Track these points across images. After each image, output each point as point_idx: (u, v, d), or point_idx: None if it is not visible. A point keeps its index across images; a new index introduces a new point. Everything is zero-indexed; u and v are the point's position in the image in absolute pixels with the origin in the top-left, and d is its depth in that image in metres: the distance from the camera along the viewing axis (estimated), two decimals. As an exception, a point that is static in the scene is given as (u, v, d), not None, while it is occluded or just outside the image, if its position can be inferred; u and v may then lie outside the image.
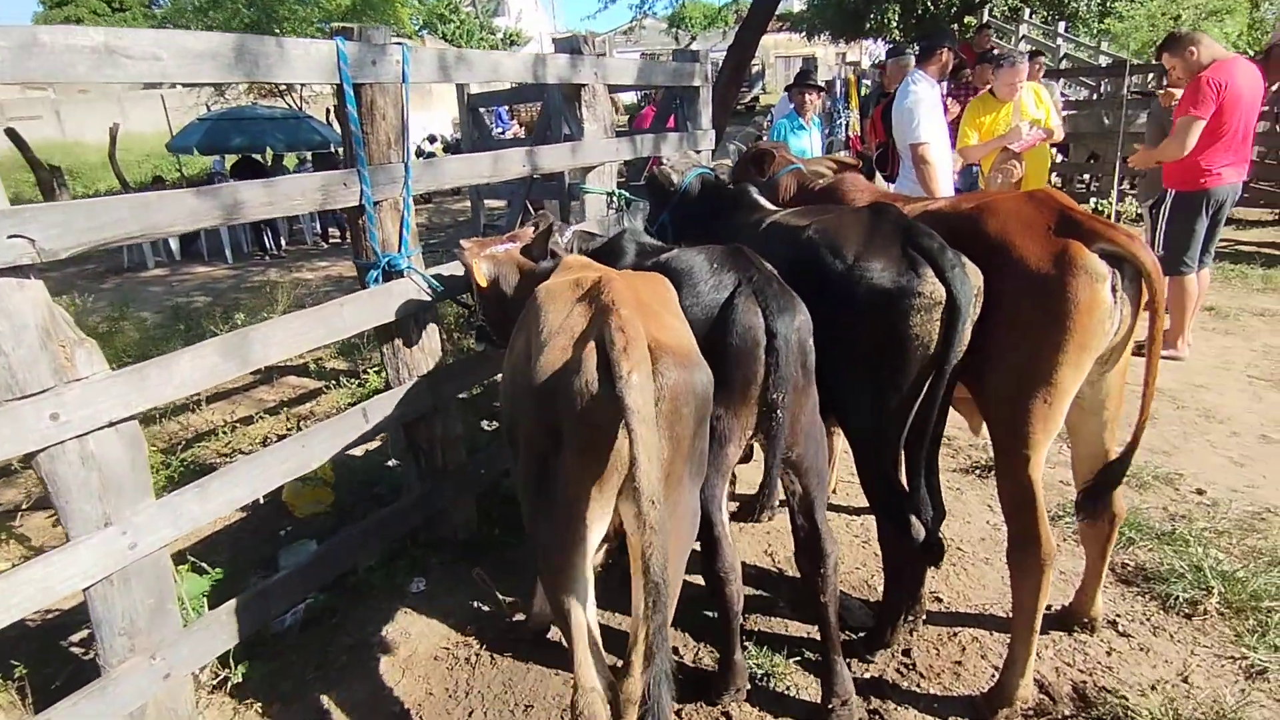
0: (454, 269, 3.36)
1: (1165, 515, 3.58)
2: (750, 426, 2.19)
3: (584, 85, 4.17)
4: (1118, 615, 2.94)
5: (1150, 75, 12.22)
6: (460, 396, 4.00)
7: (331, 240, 13.76)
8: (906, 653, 2.82)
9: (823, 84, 6.71)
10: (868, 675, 2.74)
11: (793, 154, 3.82)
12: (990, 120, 5.89)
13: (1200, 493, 3.79)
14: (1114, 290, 2.15)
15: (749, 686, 2.63)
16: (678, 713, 2.60)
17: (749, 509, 3.69)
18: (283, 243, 12.77)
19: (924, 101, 5.41)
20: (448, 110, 23.40)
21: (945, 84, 10.45)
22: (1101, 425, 2.45)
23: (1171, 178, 5.23)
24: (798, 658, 2.81)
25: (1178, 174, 5.15)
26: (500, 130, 15.42)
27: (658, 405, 1.69)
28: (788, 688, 2.69)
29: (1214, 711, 2.48)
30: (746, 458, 3.90)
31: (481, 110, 7.61)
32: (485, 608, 3.23)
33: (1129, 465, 2.39)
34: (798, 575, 2.46)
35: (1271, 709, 2.49)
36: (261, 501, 4.10)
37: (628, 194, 4.51)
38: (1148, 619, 2.94)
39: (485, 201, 8.11)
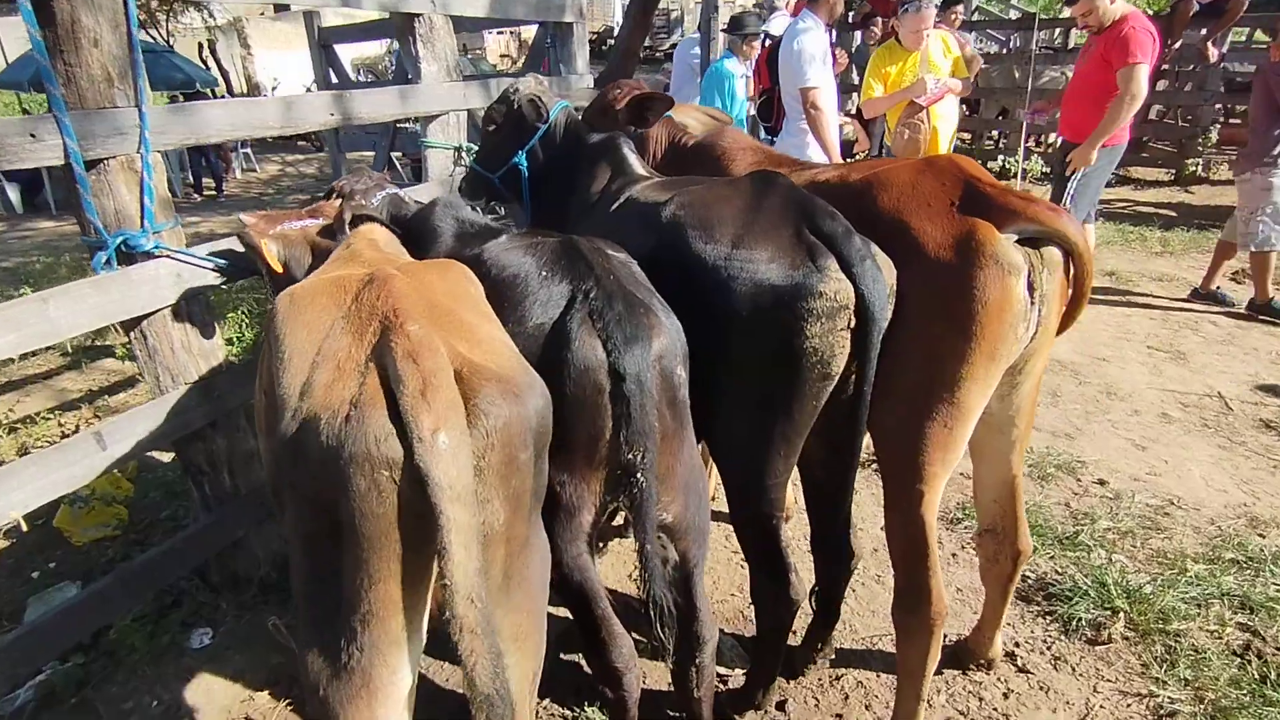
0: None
1: (1067, 513, 3.28)
2: (601, 491, 1.64)
3: (416, 15, 3.43)
4: (1016, 643, 2.59)
5: (1058, 30, 12.09)
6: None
7: (207, 192, 12.43)
8: (781, 705, 2.38)
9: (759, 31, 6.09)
10: (736, 739, 2.30)
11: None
12: (896, 71, 5.43)
13: (1102, 483, 3.52)
14: (1030, 286, 1.68)
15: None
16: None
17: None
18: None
19: (813, 44, 4.94)
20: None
21: (857, 34, 10.03)
22: (1009, 446, 2.01)
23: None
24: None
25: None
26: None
27: (481, 464, 1.21)
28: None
29: None
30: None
31: (339, 48, 6.62)
32: (284, 667, 2.62)
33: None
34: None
35: (1181, 758, 2.19)
36: (24, 529, 3.33)
37: (474, 146, 3.81)
38: (1048, 647, 2.60)
39: (347, 154, 7.16)
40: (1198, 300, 5.67)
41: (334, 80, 6.43)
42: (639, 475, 1.54)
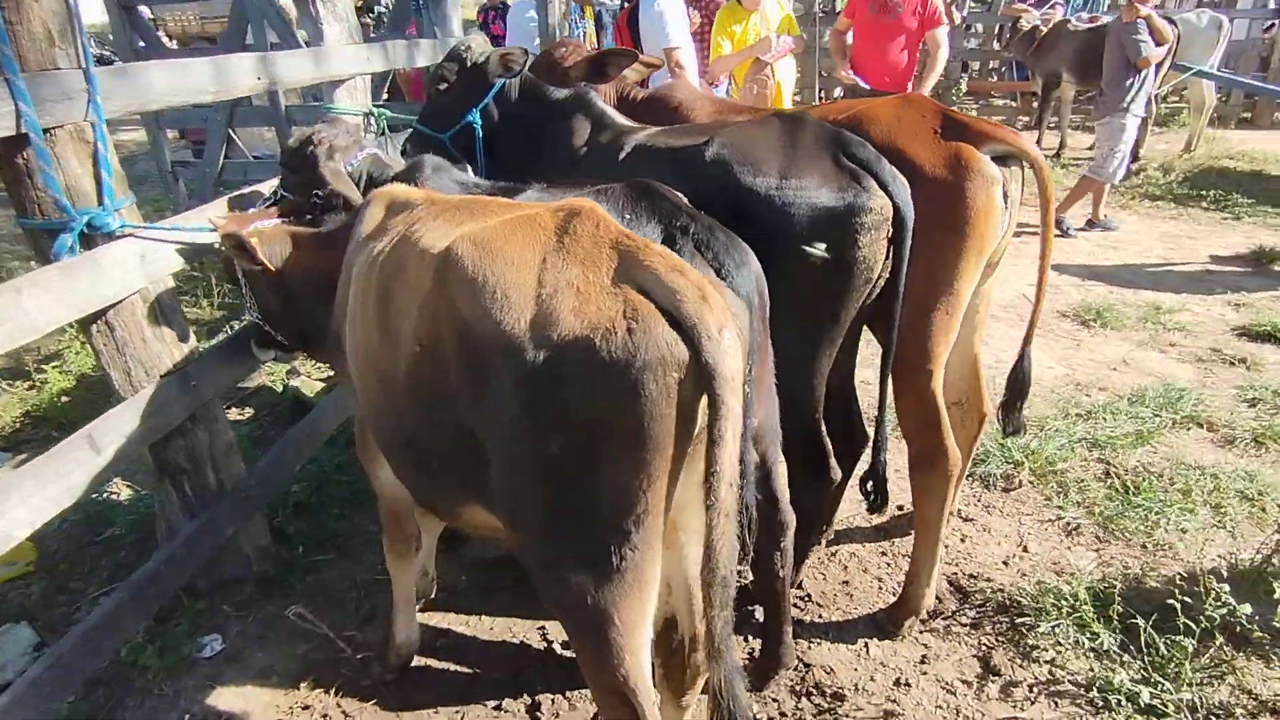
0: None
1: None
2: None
3: (316, -29, 3.25)
4: (957, 504, 3.18)
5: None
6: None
7: None
8: (799, 584, 2.76)
9: None
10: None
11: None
12: (741, 30, 5.88)
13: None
14: (1005, 194, 2.12)
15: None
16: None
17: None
18: None
19: (672, 5, 5.24)
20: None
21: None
22: (973, 329, 2.50)
23: None
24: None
25: None
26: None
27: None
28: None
29: (1056, 571, 2.78)
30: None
31: (144, 8, 5.74)
32: (317, 653, 2.54)
33: (1031, 366, 2.50)
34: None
35: (1089, 557, 2.86)
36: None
37: (389, 112, 3.69)
38: (979, 500, 3.21)
39: (167, 131, 6.32)
40: (1091, 229, 6.76)
41: (140, 48, 5.63)
42: (744, 386, 1.77)
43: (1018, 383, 2.51)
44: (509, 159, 2.81)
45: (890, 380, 2.25)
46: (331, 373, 4.33)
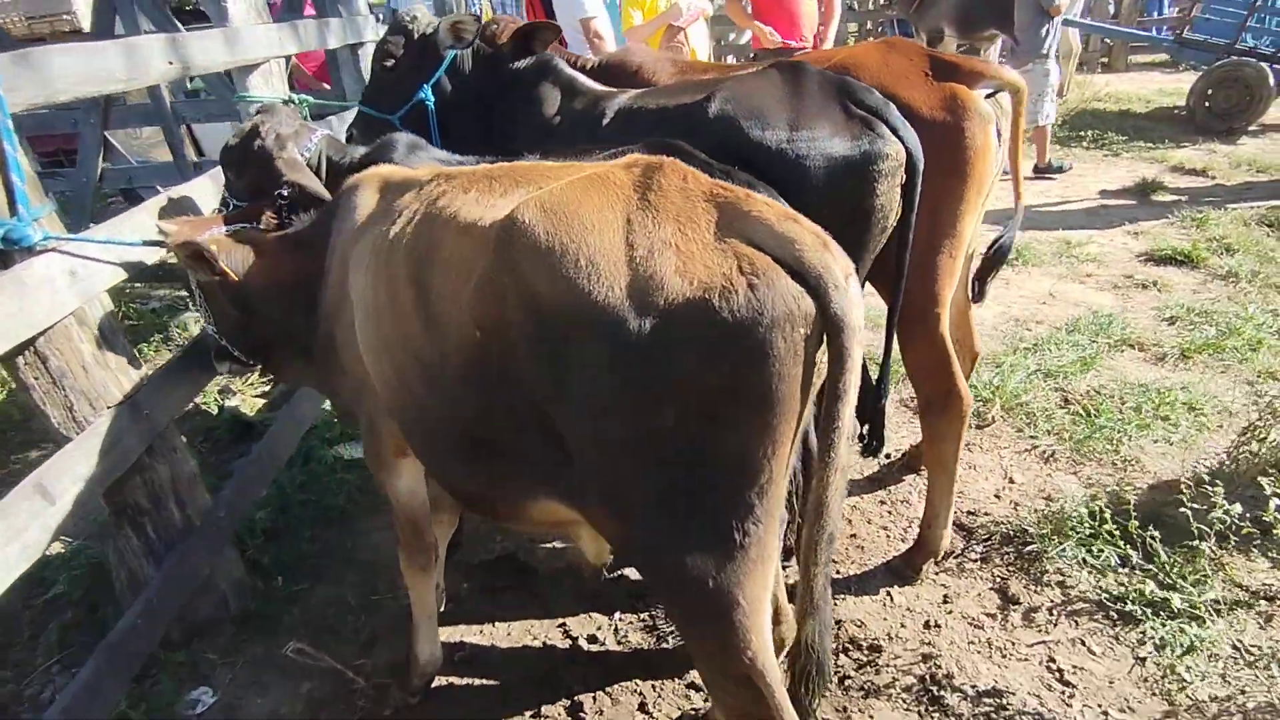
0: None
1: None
2: None
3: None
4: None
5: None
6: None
7: None
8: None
9: None
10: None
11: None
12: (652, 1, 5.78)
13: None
14: (998, 131, 2.14)
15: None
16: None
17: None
18: None
19: None
20: None
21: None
22: (965, 269, 2.53)
23: None
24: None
25: None
26: None
27: None
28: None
29: (1045, 498, 2.91)
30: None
31: None
32: (323, 688, 2.33)
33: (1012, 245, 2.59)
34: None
35: (1071, 480, 3.00)
36: None
37: (312, 99, 3.39)
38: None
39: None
40: (1039, 175, 6.96)
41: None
42: None
43: (998, 255, 2.56)
44: (466, 134, 2.63)
45: (897, 327, 2.25)
46: (271, 386, 4.00)
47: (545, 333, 1.28)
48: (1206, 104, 7.93)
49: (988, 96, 2.14)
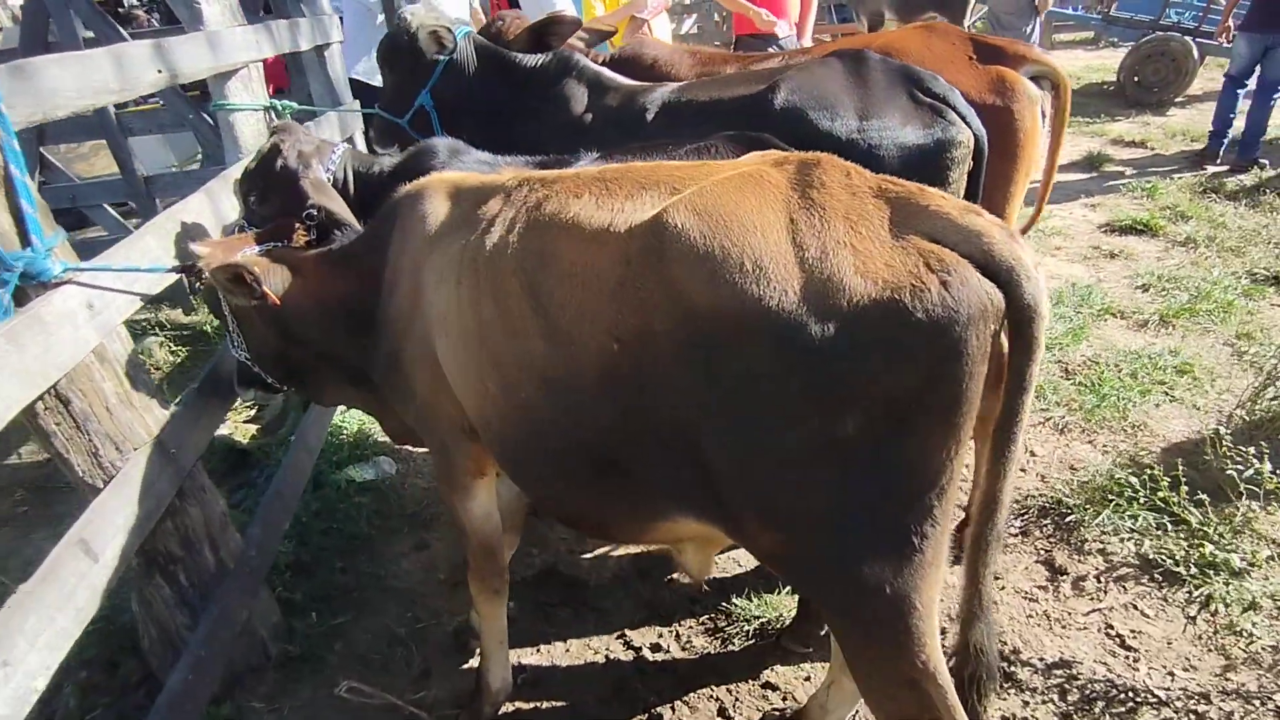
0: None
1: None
2: None
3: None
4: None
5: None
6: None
7: None
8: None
9: None
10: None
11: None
12: (612, -11, 5.69)
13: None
14: (1042, 112, 2.16)
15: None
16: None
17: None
18: None
19: None
20: None
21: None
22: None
23: None
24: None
25: None
26: None
27: None
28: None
29: (1070, 468, 2.99)
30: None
31: None
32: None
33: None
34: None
35: (1088, 449, 3.09)
36: None
37: (295, 105, 3.19)
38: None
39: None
40: None
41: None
42: None
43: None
44: (478, 135, 2.52)
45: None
46: (256, 411, 3.78)
47: (700, 341, 1.22)
48: (1136, 79, 8.31)
49: (1032, 79, 2.16)
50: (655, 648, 2.39)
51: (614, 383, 1.34)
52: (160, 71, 2.31)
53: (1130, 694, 2.12)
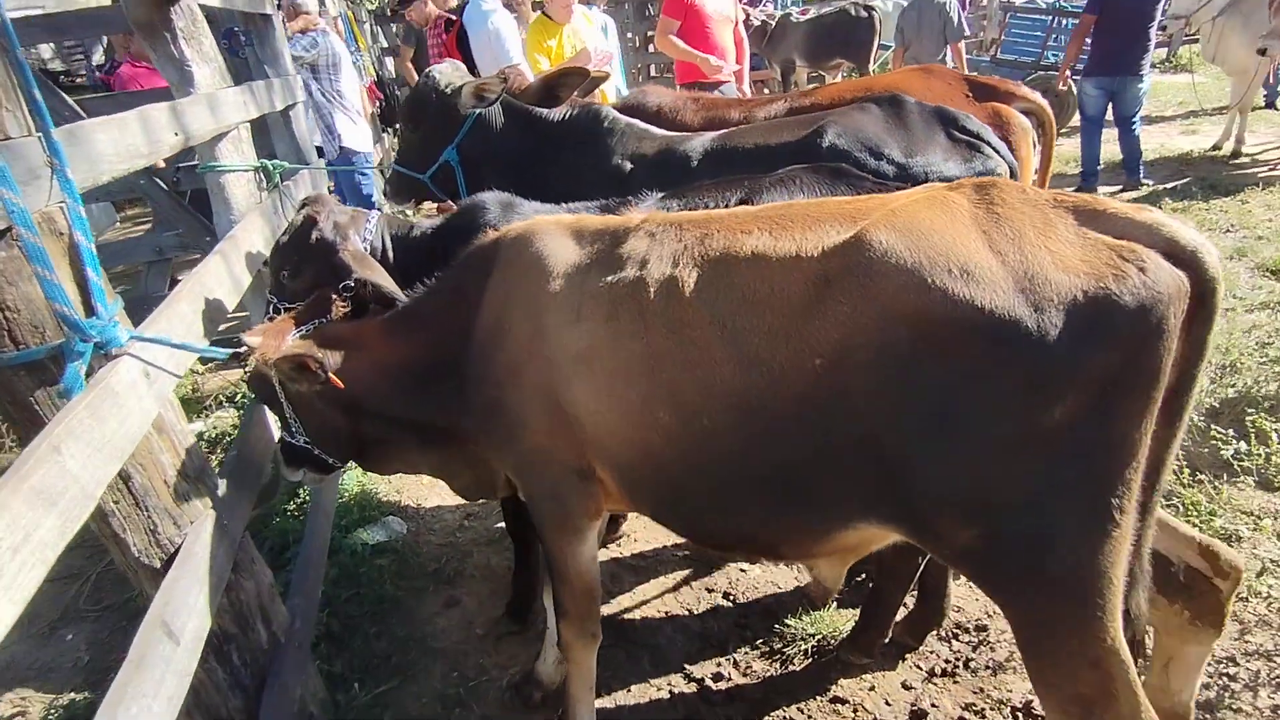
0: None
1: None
2: None
3: (170, 3, 2.66)
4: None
5: None
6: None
7: None
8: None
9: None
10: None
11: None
12: (557, 45, 5.85)
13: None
14: (1034, 143, 2.40)
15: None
16: None
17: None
18: None
19: (505, 23, 5.15)
20: None
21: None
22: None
23: None
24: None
25: None
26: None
27: None
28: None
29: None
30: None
31: None
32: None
33: None
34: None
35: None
36: None
37: (285, 164, 3.14)
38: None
39: None
40: None
41: None
42: None
43: None
44: (505, 190, 2.57)
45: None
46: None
47: (905, 348, 1.30)
48: (1025, 113, 9.13)
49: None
50: (717, 677, 2.41)
51: (808, 398, 1.40)
52: (177, 134, 2.26)
53: (1166, 666, 2.29)
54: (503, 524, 2.96)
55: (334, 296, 2.02)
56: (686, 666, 2.46)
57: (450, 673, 2.51)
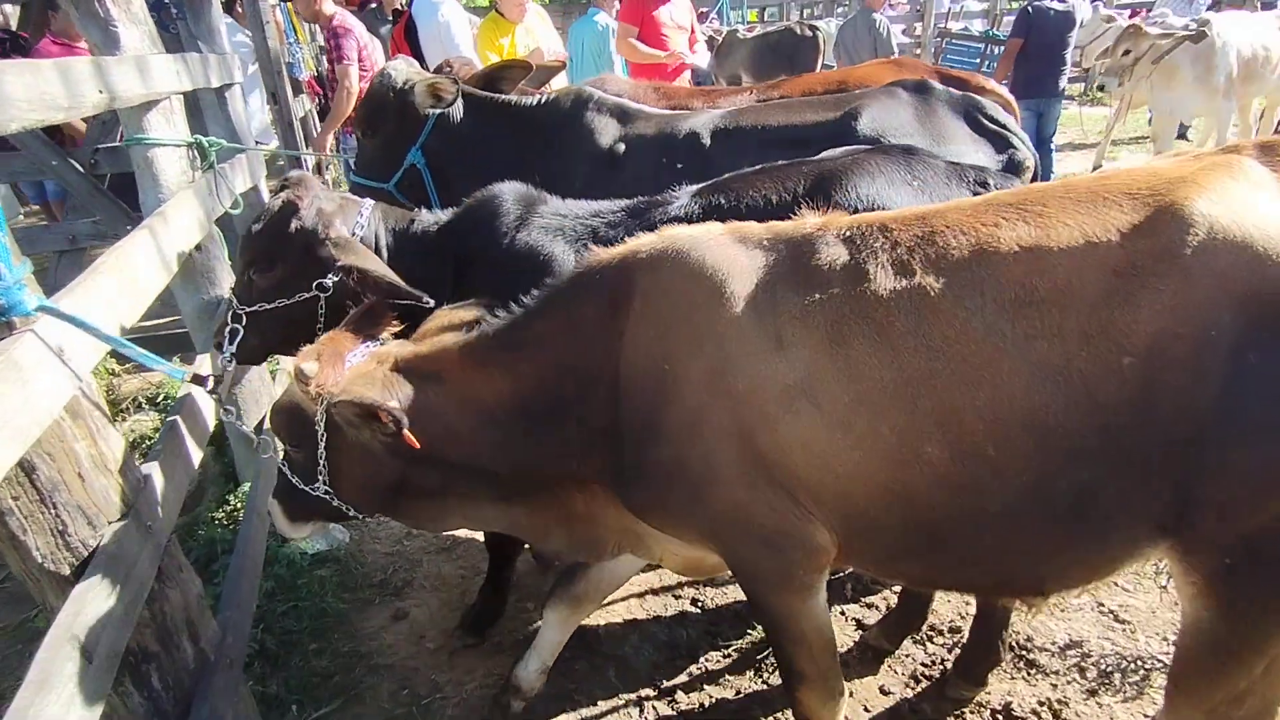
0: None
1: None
2: None
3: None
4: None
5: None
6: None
7: None
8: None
9: None
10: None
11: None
12: (509, 43, 5.72)
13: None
14: (1008, 132, 2.40)
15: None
16: None
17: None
18: None
19: (455, 15, 5.03)
20: None
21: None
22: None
23: None
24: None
25: None
26: None
27: None
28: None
29: None
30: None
31: None
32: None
33: None
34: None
35: None
36: None
37: (224, 141, 2.90)
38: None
39: None
40: None
41: None
42: None
43: None
44: (478, 184, 2.39)
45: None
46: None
47: (1237, 332, 1.18)
48: (963, 131, 9.49)
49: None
50: (689, 687, 2.28)
51: (1114, 406, 1.24)
52: (101, 92, 2.03)
53: (1138, 663, 2.28)
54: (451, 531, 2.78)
55: (379, 313, 1.71)
56: (655, 677, 2.32)
57: (400, 691, 2.31)
